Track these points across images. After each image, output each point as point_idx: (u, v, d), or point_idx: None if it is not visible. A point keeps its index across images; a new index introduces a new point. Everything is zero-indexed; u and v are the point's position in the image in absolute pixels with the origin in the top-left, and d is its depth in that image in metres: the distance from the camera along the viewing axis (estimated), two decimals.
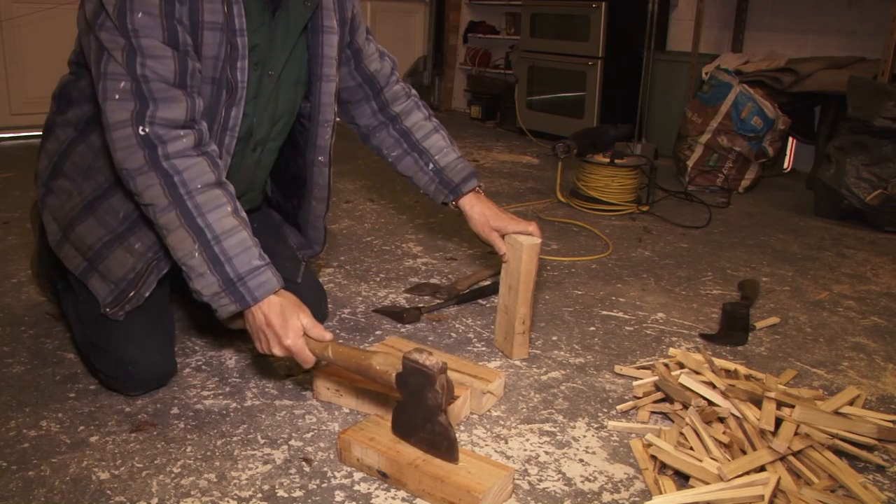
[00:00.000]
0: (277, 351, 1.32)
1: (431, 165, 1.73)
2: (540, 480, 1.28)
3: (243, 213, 1.35)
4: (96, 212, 1.49)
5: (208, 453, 1.32)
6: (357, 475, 1.27)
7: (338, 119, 1.68)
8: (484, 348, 1.78)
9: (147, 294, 1.48)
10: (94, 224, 1.49)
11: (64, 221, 1.53)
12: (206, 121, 1.39)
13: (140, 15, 1.26)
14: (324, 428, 1.41)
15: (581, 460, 1.34)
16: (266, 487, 1.23)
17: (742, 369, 1.59)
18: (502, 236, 1.69)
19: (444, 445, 1.21)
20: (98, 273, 1.49)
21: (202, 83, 1.37)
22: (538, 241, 1.64)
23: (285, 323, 1.30)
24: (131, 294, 1.47)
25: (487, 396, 1.48)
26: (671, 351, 1.68)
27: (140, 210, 1.39)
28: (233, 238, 1.29)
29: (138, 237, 1.47)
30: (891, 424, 1.39)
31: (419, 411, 1.22)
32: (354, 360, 1.27)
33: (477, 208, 1.71)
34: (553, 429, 1.44)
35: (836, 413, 1.39)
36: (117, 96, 1.27)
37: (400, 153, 1.76)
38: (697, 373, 1.52)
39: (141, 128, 1.26)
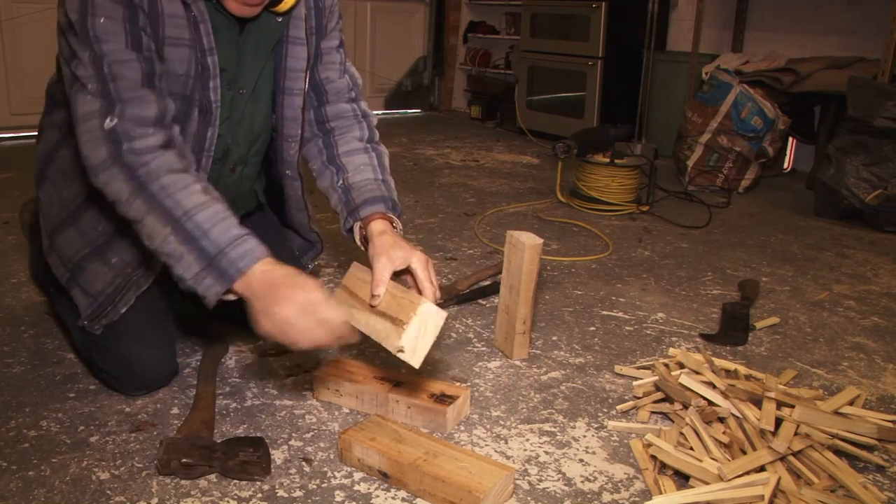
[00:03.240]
0: (300, 331, 1.15)
1: (341, 182, 1.51)
2: (540, 480, 1.28)
3: (216, 192, 1.25)
4: (77, 222, 1.47)
5: None
6: (357, 475, 1.27)
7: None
8: (484, 348, 1.78)
9: (124, 310, 1.46)
10: (73, 235, 1.48)
11: (49, 229, 1.53)
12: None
13: (102, 20, 1.23)
14: (324, 428, 1.41)
15: (581, 460, 1.34)
16: (266, 487, 1.23)
17: (742, 369, 1.59)
18: (398, 274, 1.34)
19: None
20: (79, 286, 1.48)
21: (171, 98, 1.33)
22: (540, 241, 1.64)
23: (300, 285, 1.15)
24: (108, 309, 1.46)
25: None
26: (671, 351, 1.68)
27: (117, 222, 1.37)
28: (206, 211, 1.20)
29: (115, 251, 1.45)
30: (891, 424, 1.39)
31: None
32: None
33: (388, 234, 1.37)
34: (553, 429, 1.44)
35: (836, 413, 1.39)
36: (88, 97, 1.22)
37: (319, 166, 1.58)
38: (697, 373, 1.52)
39: (109, 119, 1.20)
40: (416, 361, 1.24)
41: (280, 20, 1.45)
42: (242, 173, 1.60)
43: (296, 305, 1.14)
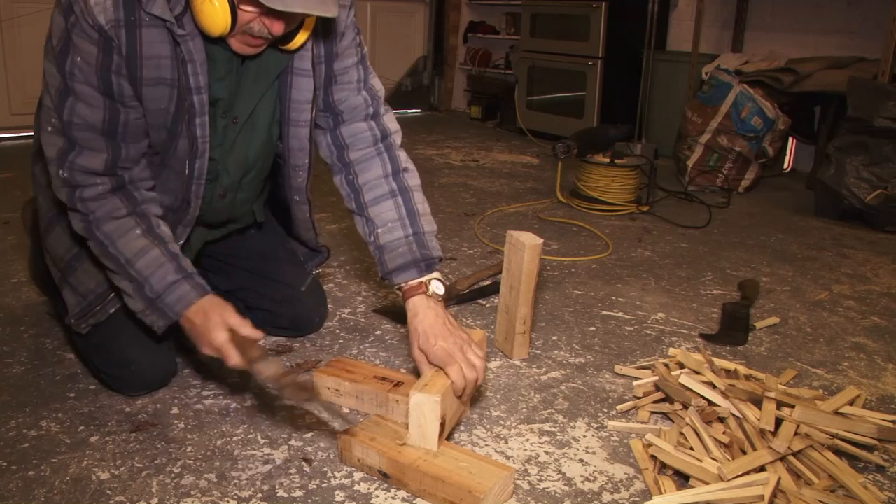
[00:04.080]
0: (207, 350, 1.30)
1: (373, 238, 1.48)
2: (540, 480, 1.28)
3: (161, 230, 1.37)
4: (64, 220, 1.47)
5: (208, 453, 1.32)
6: (357, 475, 1.27)
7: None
8: None
9: (112, 311, 1.46)
10: (62, 234, 1.48)
11: (42, 229, 1.53)
12: (171, 166, 1.41)
13: (79, 59, 1.26)
14: (324, 428, 1.41)
15: (581, 460, 1.34)
16: (266, 487, 1.23)
17: (742, 369, 1.59)
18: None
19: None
20: (69, 285, 1.48)
21: (154, 130, 1.37)
22: (540, 241, 1.64)
23: (207, 321, 1.30)
24: (97, 308, 1.46)
25: None
26: (671, 351, 1.68)
27: None
28: (144, 259, 1.32)
29: None
30: (891, 424, 1.39)
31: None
32: (248, 356, 1.28)
33: (418, 318, 1.38)
34: (553, 429, 1.44)
35: (836, 413, 1.39)
36: (49, 129, 1.32)
37: (350, 209, 1.54)
38: (697, 373, 1.52)
39: (61, 171, 1.32)
40: (431, 445, 1.26)
41: (284, 55, 1.44)
42: (235, 198, 1.59)
43: (208, 345, 1.30)
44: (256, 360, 1.27)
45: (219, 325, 1.29)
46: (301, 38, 1.39)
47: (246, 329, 1.30)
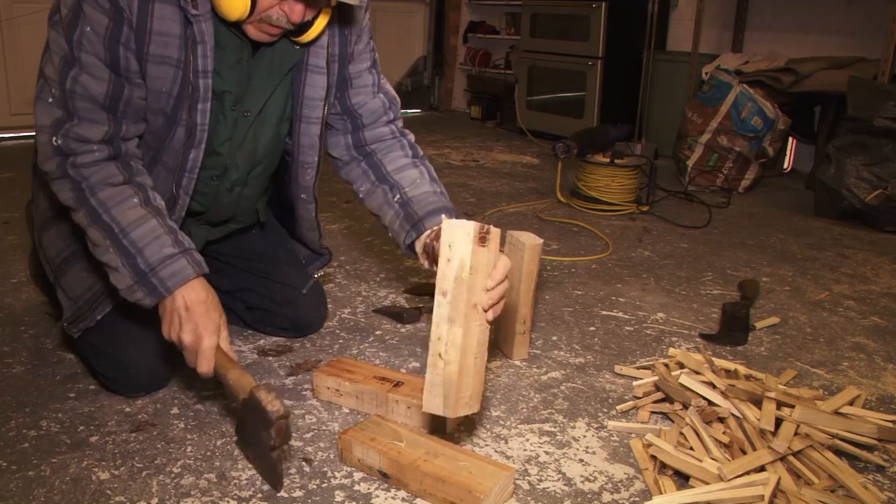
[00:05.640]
0: (187, 338, 1.24)
1: (398, 197, 1.49)
2: (540, 480, 1.28)
3: (158, 203, 1.32)
4: (60, 222, 1.47)
5: (208, 453, 1.32)
6: (357, 475, 1.27)
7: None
8: None
9: (99, 317, 1.45)
10: (56, 236, 1.48)
11: (38, 227, 1.53)
12: (162, 160, 1.39)
13: (88, 29, 1.24)
14: (324, 428, 1.41)
15: (581, 460, 1.34)
16: (266, 487, 1.23)
17: (742, 369, 1.59)
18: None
19: (269, 477, 1.23)
20: (61, 287, 1.48)
21: (152, 114, 1.34)
22: (540, 241, 1.64)
23: (208, 315, 1.25)
24: (85, 313, 1.45)
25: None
26: (671, 351, 1.68)
27: None
28: (141, 228, 1.26)
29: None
30: (891, 424, 1.39)
31: (255, 438, 1.22)
32: (221, 368, 1.26)
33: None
34: (553, 429, 1.44)
35: (836, 413, 1.39)
36: (50, 100, 1.28)
37: (369, 186, 1.55)
38: (697, 373, 1.52)
39: (55, 138, 1.27)
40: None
41: (297, 48, 1.43)
42: (242, 193, 1.59)
43: (192, 336, 1.25)
44: (229, 373, 1.24)
45: (215, 328, 1.26)
46: (316, 29, 1.38)
47: (227, 345, 1.28)
